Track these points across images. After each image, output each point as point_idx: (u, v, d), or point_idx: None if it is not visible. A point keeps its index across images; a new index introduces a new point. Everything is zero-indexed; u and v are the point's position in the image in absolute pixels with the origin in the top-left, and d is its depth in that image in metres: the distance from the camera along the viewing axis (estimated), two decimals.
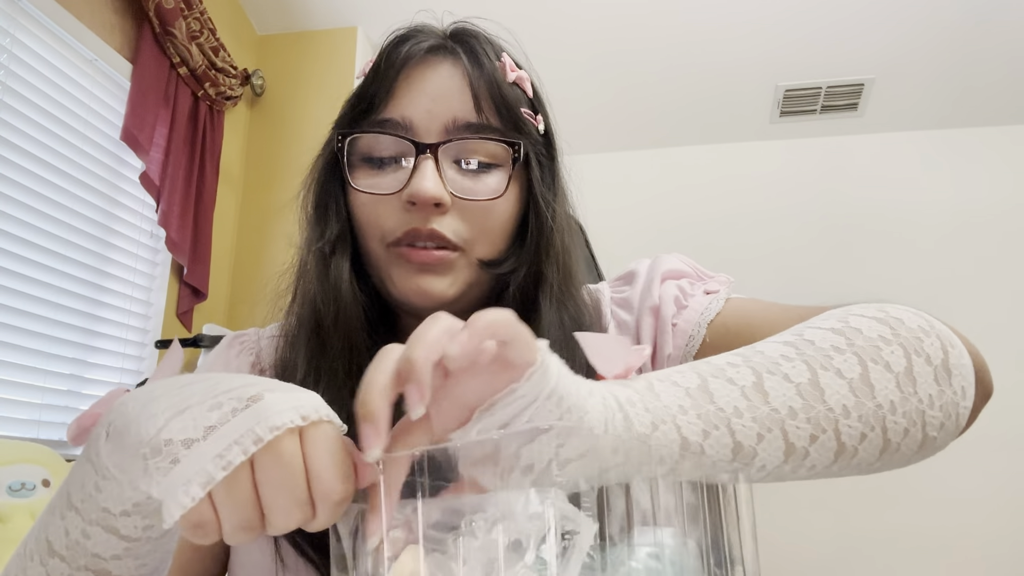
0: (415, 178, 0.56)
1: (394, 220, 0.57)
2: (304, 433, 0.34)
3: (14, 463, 1.39)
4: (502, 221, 0.60)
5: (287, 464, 0.33)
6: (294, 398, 0.35)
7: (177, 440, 0.33)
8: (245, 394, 0.34)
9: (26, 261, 1.72)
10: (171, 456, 0.33)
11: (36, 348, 1.74)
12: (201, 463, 0.32)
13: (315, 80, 2.68)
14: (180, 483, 0.32)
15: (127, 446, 0.35)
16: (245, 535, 0.34)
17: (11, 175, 1.68)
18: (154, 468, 0.33)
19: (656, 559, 0.34)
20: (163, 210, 2.06)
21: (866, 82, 2.84)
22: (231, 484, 0.33)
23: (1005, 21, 2.53)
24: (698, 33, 2.64)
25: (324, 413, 0.35)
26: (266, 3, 2.64)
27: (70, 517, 0.40)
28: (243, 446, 0.32)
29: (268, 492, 0.33)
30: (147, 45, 2.06)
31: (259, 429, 0.33)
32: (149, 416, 0.35)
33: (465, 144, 0.58)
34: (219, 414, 0.33)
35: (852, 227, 3.03)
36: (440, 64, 0.60)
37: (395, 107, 0.58)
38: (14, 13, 1.71)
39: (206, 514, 0.33)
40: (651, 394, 0.38)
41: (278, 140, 2.64)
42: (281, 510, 0.33)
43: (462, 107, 0.58)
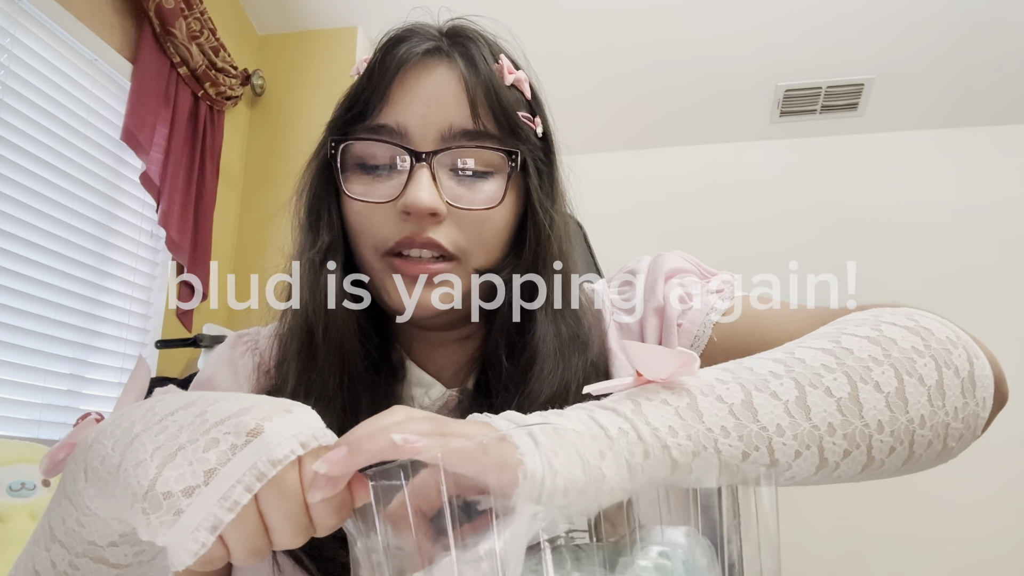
0: (410, 188, 0.54)
1: (389, 229, 0.56)
2: (303, 461, 0.34)
3: (14, 463, 1.39)
4: (498, 229, 0.58)
5: (289, 496, 0.33)
6: (292, 424, 0.34)
7: (177, 491, 0.32)
8: (242, 427, 0.34)
9: (26, 261, 1.72)
10: (173, 509, 0.32)
11: (36, 348, 1.74)
12: (207, 508, 0.32)
13: (315, 80, 2.68)
14: (188, 531, 0.32)
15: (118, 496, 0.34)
16: (256, 559, 0.34)
17: (11, 175, 1.68)
18: (157, 522, 0.32)
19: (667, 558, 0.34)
20: (163, 210, 2.06)
21: (866, 82, 2.84)
22: (239, 521, 0.32)
23: (1005, 21, 2.53)
24: (698, 33, 2.64)
25: (322, 438, 0.35)
26: (266, 3, 2.64)
27: (55, 550, 0.40)
28: (246, 484, 0.32)
29: (273, 521, 0.33)
30: (147, 45, 2.06)
31: (262, 465, 0.32)
32: (137, 463, 0.33)
33: (460, 152, 0.56)
34: (217, 453, 0.33)
35: (852, 227, 3.03)
36: (436, 68, 0.58)
37: (390, 113, 0.57)
38: (14, 13, 1.71)
39: (216, 551, 0.33)
40: (694, 414, 0.37)
41: (278, 140, 2.64)
42: (287, 536, 0.34)
43: (458, 113, 0.56)
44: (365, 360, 0.59)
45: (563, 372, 0.56)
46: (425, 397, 0.61)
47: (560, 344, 0.58)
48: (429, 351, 0.64)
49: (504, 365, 0.57)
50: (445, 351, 0.63)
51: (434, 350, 0.64)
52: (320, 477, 0.33)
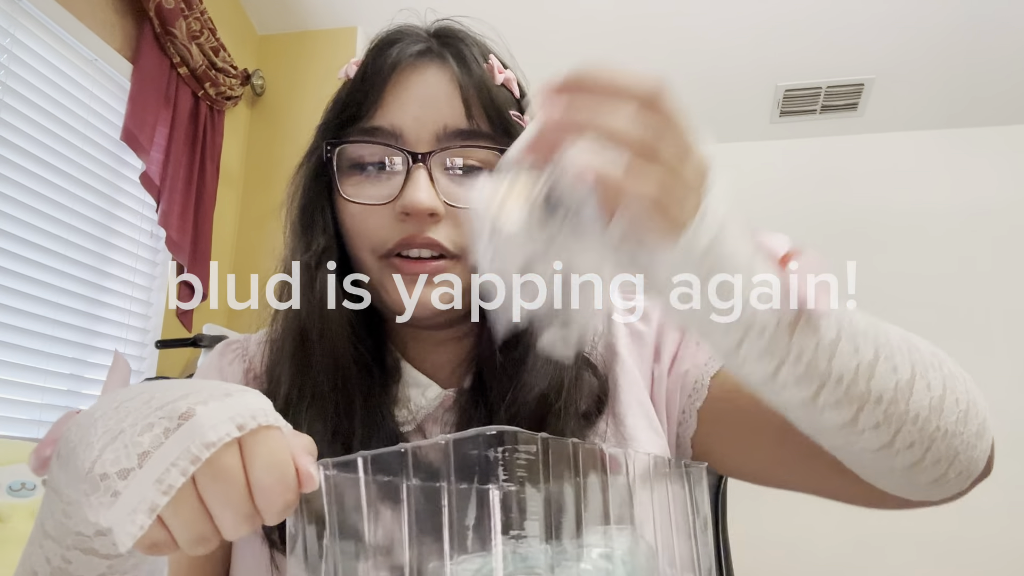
0: (408, 189, 0.55)
1: (386, 230, 0.56)
2: (243, 443, 0.34)
3: (14, 463, 1.39)
4: None
5: (227, 479, 0.33)
6: (229, 407, 0.34)
7: (112, 473, 0.33)
8: (176, 411, 0.34)
9: (26, 261, 1.72)
10: (110, 490, 0.33)
11: (36, 348, 1.74)
12: (142, 491, 0.32)
13: (315, 80, 2.68)
14: (125, 513, 0.32)
15: (71, 479, 0.35)
16: (203, 547, 0.34)
17: (11, 175, 1.68)
18: (96, 503, 0.33)
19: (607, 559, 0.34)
20: (163, 210, 2.06)
21: (866, 82, 2.84)
22: (177, 505, 0.33)
23: (1005, 21, 2.53)
24: (698, 33, 2.64)
25: (263, 419, 0.35)
26: (266, 3, 2.64)
27: (47, 545, 0.40)
28: (181, 467, 0.32)
29: (214, 506, 0.33)
30: (147, 45, 2.06)
31: (194, 448, 0.32)
32: (86, 445, 0.34)
33: (456, 151, 0.57)
34: (151, 436, 0.33)
35: (851, 227, 3.03)
36: (428, 69, 0.58)
37: (384, 114, 0.57)
38: (14, 13, 1.71)
39: (159, 535, 0.33)
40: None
41: (278, 140, 2.64)
42: (229, 523, 0.34)
43: (452, 113, 0.57)
44: (359, 362, 0.59)
45: (556, 364, 0.57)
46: (421, 397, 0.60)
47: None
48: (425, 352, 0.64)
49: (498, 359, 0.58)
50: (441, 351, 0.63)
51: (430, 351, 0.64)
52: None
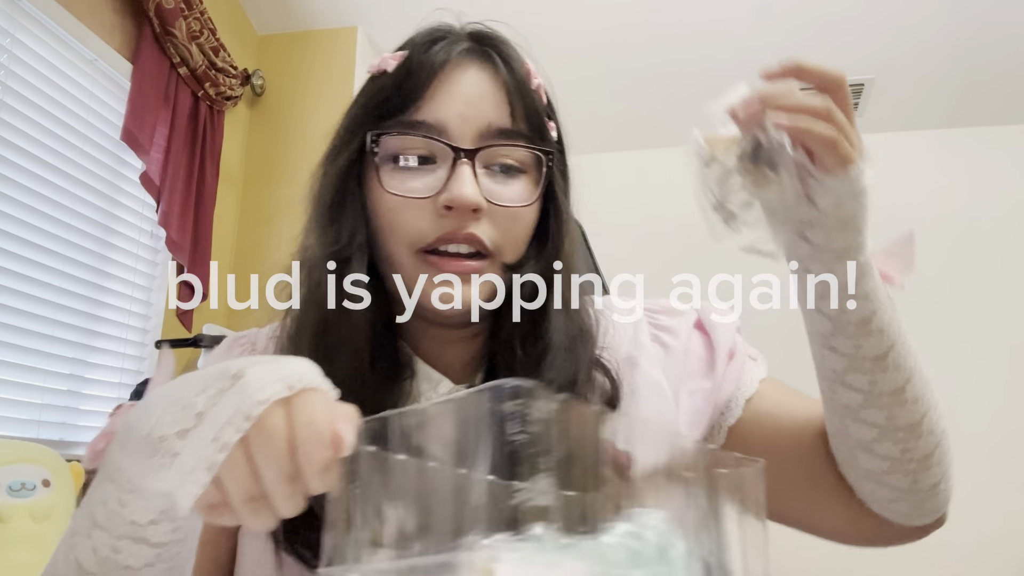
0: (454, 183, 0.55)
1: (426, 224, 0.56)
2: (290, 403, 0.35)
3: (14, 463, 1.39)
4: (527, 226, 0.60)
5: (273, 437, 0.35)
6: (279, 369, 0.36)
7: (171, 434, 0.35)
8: (227, 372, 0.36)
9: (26, 261, 1.72)
10: (169, 451, 0.35)
11: (36, 348, 1.74)
12: (199, 450, 0.34)
13: (315, 80, 2.68)
14: (185, 473, 0.34)
15: (131, 452, 0.37)
16: (255, 511, 0.36)
17: (11, 175, 1.68)
18: (157, 465, 0.35)
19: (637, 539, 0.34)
20: (163, 210, 2.06)
21: (866, 82, 2.84)
22: (230, 463, 0.34)
23: (1005, 21, 2.53)
24: (697, 33, 2.64)
25: (310, 381, 0.36)
26: (266, 3, 2.64)
27: (97, 535, 0.40)
28: (235, 425, 0.34)
29: (260, 464, 0.35)
30: (147, 45, 2.06)
31: (246, 406, 0.34)
32: (146, 415, 0.37)
33: (499, 150, 0.58)
34: (205, 398, 0.35)
35: None
36: (472, 67, 0.59)
37: (428, 109, 0.57)
38: (14, 13, 1.71)
39: (215, 495, 0.35)
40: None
41: (278, 140, 2.64)
42: (272, 481, 0.35)
43: (496, 113, 0.58)
44: (376, 358, 0.59)
45: (572, 363, 0.59)
46: (433, 393, 0.61)
47: (570, 337, 0.60)
48: (437, 348, 0.64)
49: (518, 356, 0.59)
50: (453, 347, 0.64)
51: (442, 347, 0.64)
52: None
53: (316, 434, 0.35)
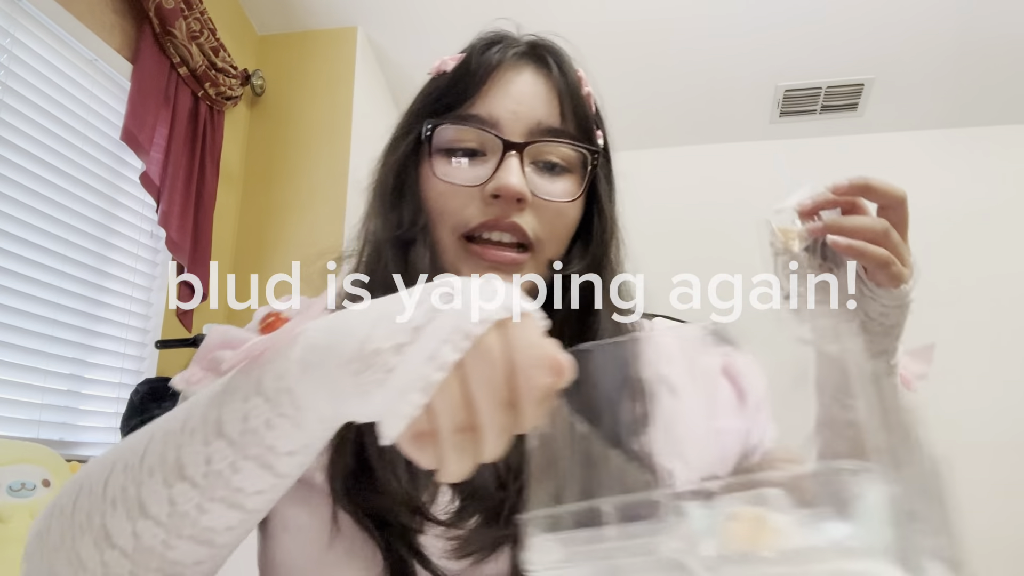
0: (501, 173, 0.58)
1: (472, 210, 0.59)
2: (507, 326, 0.33)
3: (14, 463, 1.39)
4: (570, 224, 0.63)
5: (492, 360, 0.32)
6: (494, 291, 0.34)
7: (386, 348, 0.32)
8: (444, 287, 0.34)
9: (26, 261, 1.72)
10: (384, 367, 0.32)
11: (36, 348, 1.74)
12: (415, 368, 0.31)
13: (315, 80, 2.68)
14: (398, 392, 0.31)
15: (329, 369, 0.34)
16: (461, 446, 0.32)
17: (11, 175, 1.68)
18: (368, 382, 0.32)
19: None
20: (163, 210, 2.06)
21: (866, 82, 2.84)
22: (444, 386, 0.31)
23: (1005, 21, 2.53)
24: (698, 34, 2.64)
25: (526, 305, 0.34)
26: (266, 3, 2.64)
27: (217, 446, 0.38)
28: (454, 343, 0.31)
29: (475, 389, 0.32)
30: (147, 45, 2.06)
31: (466, 324, 0.31)
32: (345, 334, 0.34)
33: (547, 146, 0.61)
34: (423, 312, 0.32)
35: None
36: (527, 69, 0.63)
37: (482, 105, 0.61)
38: (14, 13, 1.71)
39: (423, 423, 0.32)
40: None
41: (278, 140, 2.64)
42: (487, 408, 0.32)
43: (547, 112, 0.61)
44: None
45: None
46: None
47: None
48: None
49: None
50: None
51: None
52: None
53: (537, 358, 0.32)
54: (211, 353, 0.59)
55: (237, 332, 0.61)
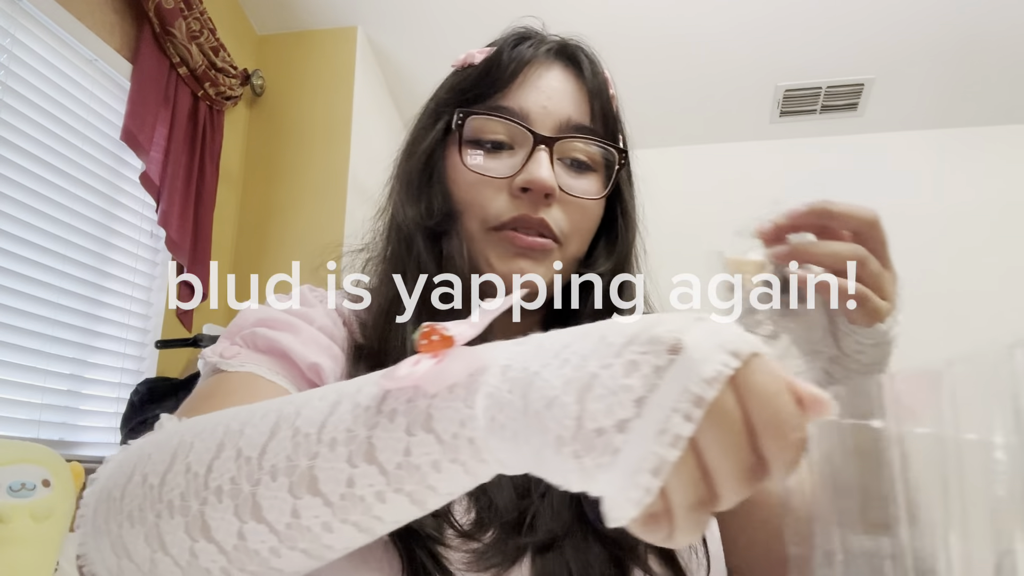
0: (531, 166, 0.58)
1: (500, 204, 0.59)
2: (738, 377, 0.27)
3: (14, 463, 1.39)
4: (594, 221, 0.63)
5: (731, 423, 0.27)
6: (715, 333, 0.28)
7: (609, 427, 0.27)
8: (660, 343, 0.27)
9: (26, 261, 1.72)
10: (609, 448, 0.27)
11: (36, 348, 1.74)
12: (645, 446, 0.26)
13: (315, 80, 2.68)
14: (626, 475, 0.26)
15: (533, 445, 0.29)
16: (698, 518, 0.28)
17: (11, 175, 1.68)
18: (591, 466, 0.27)
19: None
20: (163, 210, 2.06)
21: (866, 82, 2.84)
22: (678, 463, 0.26)
23: (1005, 21, 2.53)
24: (698, 33, 2.64)
25: (755, 345, 0.28)
26: (266, 3, 2.64)
27: (365, 471, 0.33)
28: (684, 411, 0.26)
29: (713, 458, 0.27)
30: (147, 45, 2.06)
31: (696, 386, 0.26)
32: (548, 402, 0.29)
33: (573, 143, 0.61)
34: (640, 378, 0.27)
35: None
36: (556, 66, 0.64)
37: (513, 98, 0.61)
38: (14, 13, 1.71)
39: (657, 504, 0.27)
40: None
41: (278, 140, 2.64)
42: (728, 477, 0.27)
43: (577, 110, 0.62)
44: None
45: None
46: None
47: None
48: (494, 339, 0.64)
49: None
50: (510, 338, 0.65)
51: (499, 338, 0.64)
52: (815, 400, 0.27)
53: (781, 412, 0.27)
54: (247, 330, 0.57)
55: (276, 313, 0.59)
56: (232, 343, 0.57)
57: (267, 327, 0.57)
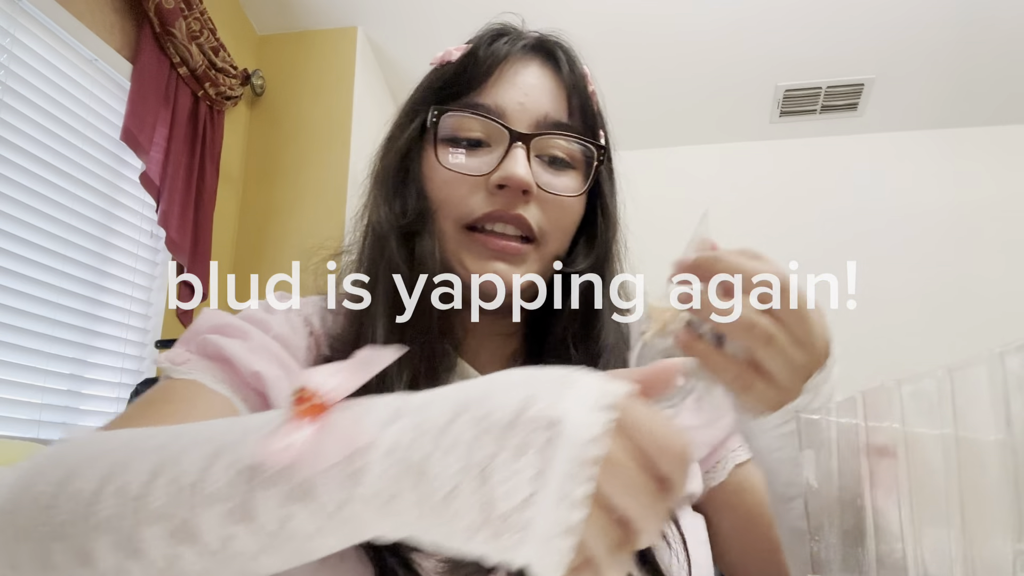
0: (508, 163, 0.57)
1: (476, 201, 0.59)
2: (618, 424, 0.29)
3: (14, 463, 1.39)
4: (573, 219, 0.62)
5: (625, 468, 0.29)
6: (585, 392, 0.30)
7: (513, 507, 0.28)
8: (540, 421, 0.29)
9: (26, 261, 1.72)
10: (519, 526, 0.28)
11: (36, 348, 1.74)
12: (552, 515, 0.28)
13: (315, 80, 2.68)
14: (540, 544, 0.28)
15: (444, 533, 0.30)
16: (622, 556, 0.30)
17: (11, 175, 1.68)
18: (508, 545, 0.29)
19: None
20: (163, 210, 2.06)
21: (866, 82, 2.84)
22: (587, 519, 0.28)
23: (1005, 21, 2.53)
24: (698, 33, 2.64)
25: (619, 388, 0.30)
26: (266, 3, 2.64)
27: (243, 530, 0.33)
28: (578, 477, 0.28)
29: (620, 501, 0.29)
30: (147, 45, 2.06)
31: (581, 452, 0.28)
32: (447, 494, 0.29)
33: (550, 140, 0.60)
34: (531, 457, 0.28)
35: (852, 227, 3.03)
36: (534, 63, 0.63)
37: (489, 95, 0.60)
38: (14, 13, 1.71)
39: (578, 558, 0.29)
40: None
41: (278, 140, 2.64)
42: (639, 511, 0.29)
43: (554, 106, 0.61)
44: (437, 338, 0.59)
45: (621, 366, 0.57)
46: None
47: (617, 342, 0.62)
48: (479, 344, 0.65)
49: (573, 356, 0.60)
50: (492, 346, 0.65)
51: (482, 345, 0.65)
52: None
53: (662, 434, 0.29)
54: (201, 336, 0.58)
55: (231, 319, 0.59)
56: (186, 348, 0.58)
57: (220, 333, 0.58)
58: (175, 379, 0.55)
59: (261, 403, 0.56)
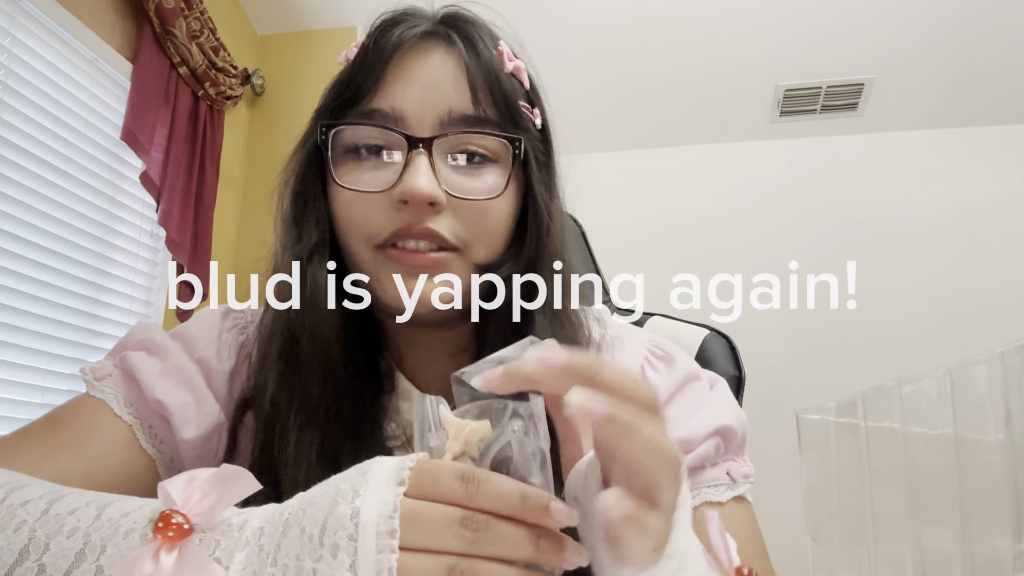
0: (407, 175, 0.51)
1: (382, 219, 0.53)
2: (411, 483, 0.33)
3: None
4: (500, 221, 0.55)
5: (427, 516, 0.33)
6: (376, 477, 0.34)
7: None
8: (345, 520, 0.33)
9: (26, 261, 1.72)
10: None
11: (37, 347, 1.74)
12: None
13: (315, 80, 2.67)
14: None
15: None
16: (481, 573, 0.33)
17: (11, 175, 1.68)
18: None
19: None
20: (163, 210, 2.06)
21: (866, 82, 2.84)
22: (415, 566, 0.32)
23: (1005, 21, 2.53)
24: (698, 33, 2.64)
25: (406, 466, 0.34)
26: (266, 3, 2.64)
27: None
28: (385, 549, 0.32)
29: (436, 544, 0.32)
30: (147, 45, 2.06)
31: (382, 527, 0.32)
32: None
33: (461, 138, 0.53)
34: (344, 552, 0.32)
35: (852, 227, 3.03)
36: (433, 51, 0.55)
37: (384, 97, 0.54)
38: (14, 13, 1.71)
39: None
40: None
41: (278, 140, 2.64)
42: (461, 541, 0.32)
43: (458, 98, 0.53)
44: (349, 367, 0.56)
45: None
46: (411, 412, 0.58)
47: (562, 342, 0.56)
48: (419, 362, 0.61)
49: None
50: (436, 363, 0.61)
51: (425, 362, 0.61)
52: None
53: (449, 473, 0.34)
54: (127, 349, 0.57)
55: (157, 335, 0.58)
56: (112, 361, 0.57)
57: (143, 349, 0.57)
58: (87, 395, 0.56)
59: (165, 428, 0.56)
